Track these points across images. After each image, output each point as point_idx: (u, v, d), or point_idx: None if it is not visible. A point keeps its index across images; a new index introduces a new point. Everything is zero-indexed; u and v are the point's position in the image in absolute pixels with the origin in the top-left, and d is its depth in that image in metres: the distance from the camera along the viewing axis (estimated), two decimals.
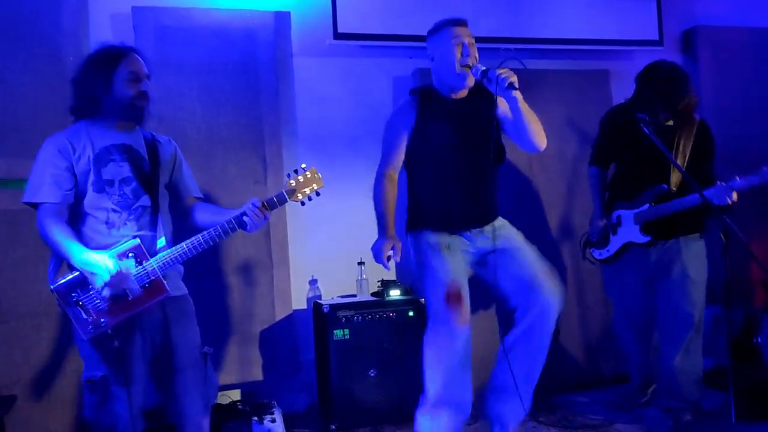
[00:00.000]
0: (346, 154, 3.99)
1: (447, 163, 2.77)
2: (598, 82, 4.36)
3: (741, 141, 4.44)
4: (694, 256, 3.22)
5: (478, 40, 4.08)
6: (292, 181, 2.41)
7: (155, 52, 3.51)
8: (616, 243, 3.37)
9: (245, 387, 3.72)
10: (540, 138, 2.70)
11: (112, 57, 2.31)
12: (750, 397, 3.11)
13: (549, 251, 4.07)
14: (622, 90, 4.37)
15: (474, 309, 2.88)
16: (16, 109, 3.26)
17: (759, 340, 3.47)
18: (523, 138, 2.71)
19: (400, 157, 2.86)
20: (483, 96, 2.75)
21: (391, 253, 2.69)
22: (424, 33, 3.98)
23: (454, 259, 2.75)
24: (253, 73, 3.75)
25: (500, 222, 2.86)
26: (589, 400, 3.79)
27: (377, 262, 2.74)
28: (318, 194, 2.46)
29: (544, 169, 4.19)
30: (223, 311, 3.65)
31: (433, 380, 2.69)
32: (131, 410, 2.22)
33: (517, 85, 2.55)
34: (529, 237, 4.01)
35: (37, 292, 3.20)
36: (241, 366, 3.66)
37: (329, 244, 3.93)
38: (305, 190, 2.41)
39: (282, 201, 2.40)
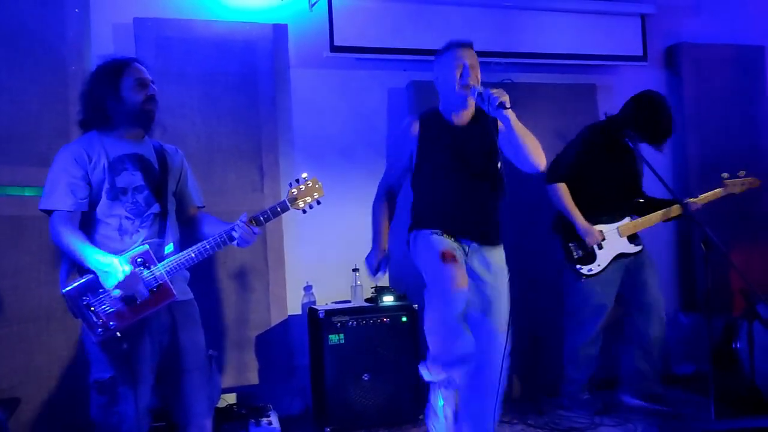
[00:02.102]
0: (341, 164, 4.09)
1: (448, 186, 2.82)
2: (585, 95, 4.50)
3: (721, 153, 4.61)
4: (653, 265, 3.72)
5: None
6: (294, 190, 2.50)
7: (156, 63, 3.58)
8: (606, 256, 3.56)
9: (240, 391, 3.80)
10: (537, 157, 2.70)
11: (116, 67, 2.40)
12: (730, 400, 3.26)
13: (536, 260, 4.22)
14: (609, 103, 4.54)
15: None
16: (20, 118, 3.32)
17: (738, 345, 3.60)
18: (519, 158, 2.73)
19: (398, 177, 2.99)
20: (486, 122, 2.78)
21: (380, 264, 2.89)
22: (419, 46, 4.16)
23: (452, 241, 2.78)
24: (252, 84, 3.85)
25: (498, 257, 2.88)
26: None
27: (370, 272, 2.94)
28: (319, 203, 2.55)
29: (533, 179, 4.29)
30: (220, 316, 3.72)
31: (434, 342, 2.71)
32: (138, 410, 2.30)
33: (508, 104, 2.57)
34: (517, 246, 4.15)
35: (38, 296, 3.26)
36: (237, 370, 3.74)
37: (324, 251, 4.03)
38: (306, 198, 2.51)
39: (284, 209, 2.49)
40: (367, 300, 3.86)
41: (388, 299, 3.74)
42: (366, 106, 4.20)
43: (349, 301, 3.88)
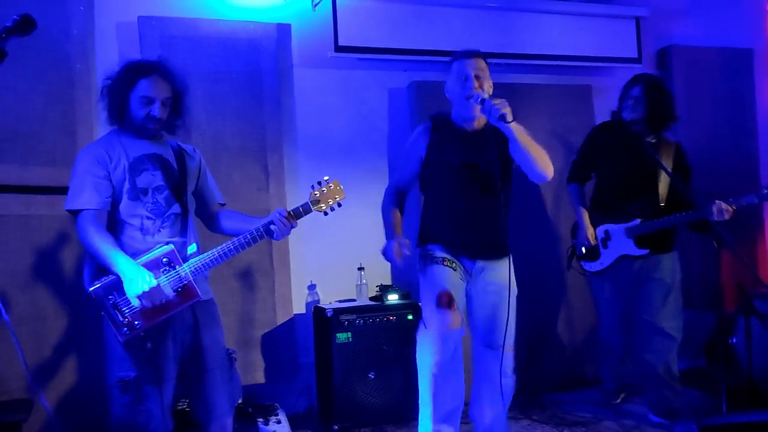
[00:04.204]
0: (344, 163, 4.10)
1: (454, 193, 2.82)
2: (581, 96, 4.57)
3: (712, 153, 4.73)
4: (672, 267, 3.48)
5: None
6: (316, 192, 2.52)
7: None
8: (609, 256, 3.51)
9: (246, 389, 3.79)
10: (543, 168, 2.67)
11: (132, 75, 2.39)
12: (727, 394, 3.33)
13: (535, 258, 4.30)
14: (604, 104, 4.63)
15: None
16: (25, 116, 3.29)
17: (734, 341, 3.70)
18: (526, 167, 2.70)
19: (405, 180, 3.00)
20: (496, 129, 2.73)
21: (399, 248, 2.75)
22: (419, 47, 4.20)
23: (454, 272, 2.81)
24: (256, 83, 3.85)
25: (504, 271, 2.82)
26: (575, 399, 3.99)
27: (387, 259, 2.85)
28: (340, 205, 2.57)
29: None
30: (226, 315, 3.69)
31: (424, 390, 2.78)
32: (163, 409, 2.31)
33: (510, 117, 2.53)
34: (515, 244, 4.21)
35: (47, 295, 3.25)
36: (244, 369, 3.73)
37: (328, 251, 4.04)
38: (329, 200, 2.53)
39: (307, 211, 2.51)
40: (371, 298, 3.89)
41: (392, 297, 3.77)
42: (367, 106, 4.22)
43: (353, 300, 3.90)
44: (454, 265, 2.82)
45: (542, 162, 2.67)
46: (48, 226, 3.28)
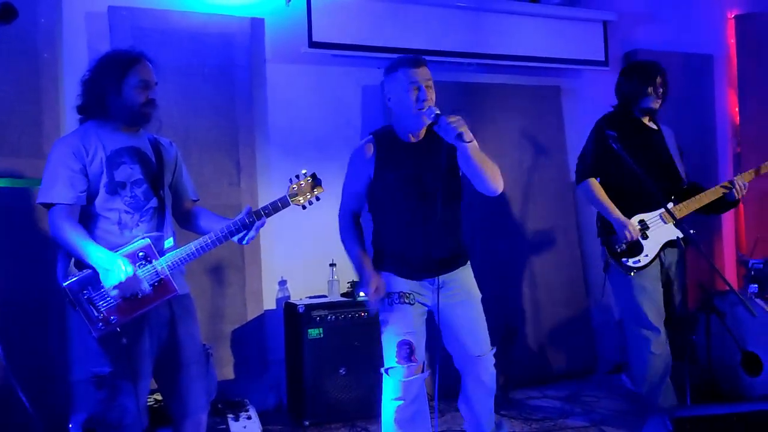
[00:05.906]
0: (316, 159, 4.04)
1: (403, 209, 2.68)
2: (550, 97, 4.66)
3: None
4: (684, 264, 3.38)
5: (443, 54, 4.34)
6: (294, 186, 2.50)
7: None
8: (653, 246, 3.24)
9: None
10: (494, 183, 2.57)
11: (124, 63, 2.35)
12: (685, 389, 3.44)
13: (505, 255, 4.37)
14: (572, 105, 4.74)
15: None
16: None
17: (694, 338, 3.81)
18: (477, 182, 2.58)
19: (359, 201, 2.81)
20: (441, 137, 2.55)
21: (376, 290, 2.66)
22: (393, 45, 4.21)
23: (411, 307, 2.68)
24: (228, 77, 3.82)
25: (468, 278, 2.78)
26: (542, 395, 4.07)
27: (370, 304, 2.72)
28: (318, 199, 2.56)
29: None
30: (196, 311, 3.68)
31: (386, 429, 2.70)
32: (138, 405, 2.28)
33: (467, 137, 2.41)
34: (486, 242, 4.29)
35: (10, 291, 3.17)
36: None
37: (299, 247, 4.03)
38: (307, 194, 2.52)
39: (285, 204, 2.49)
40: (343, 295, 3.90)
41: (363, 294, 3.77)
42: (341, 103, 4.22)
43: (324, 296, 3.90)
44: (410, 297, 2.68)
45: (493, 178, 2.56)
46: (11, 219, 3.20)
